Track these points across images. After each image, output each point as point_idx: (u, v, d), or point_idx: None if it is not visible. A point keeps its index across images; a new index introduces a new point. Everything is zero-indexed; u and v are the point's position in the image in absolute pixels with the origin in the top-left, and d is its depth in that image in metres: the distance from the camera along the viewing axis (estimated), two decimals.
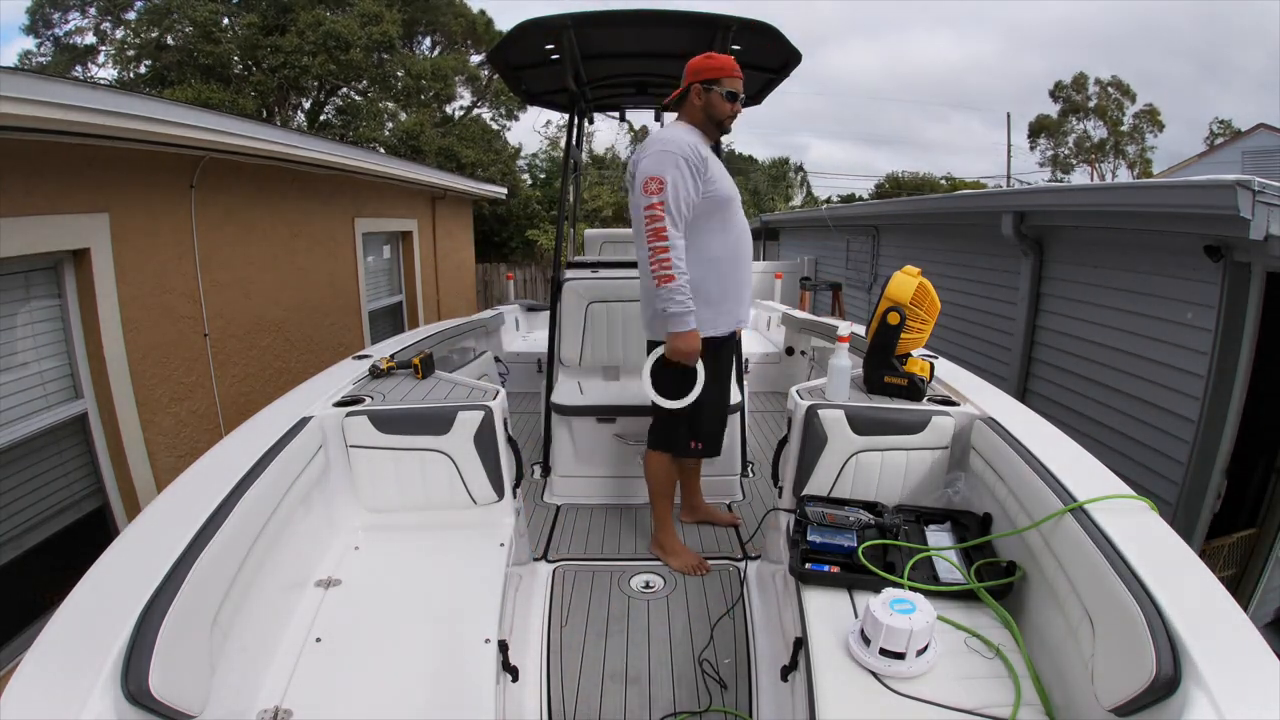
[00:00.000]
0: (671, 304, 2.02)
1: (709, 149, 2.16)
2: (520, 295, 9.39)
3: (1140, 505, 1.40)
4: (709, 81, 2.12)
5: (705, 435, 2.36)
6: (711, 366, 2.24)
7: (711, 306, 2.19)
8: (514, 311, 5.22)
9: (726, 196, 2.16)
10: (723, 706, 1.75)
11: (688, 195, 2.04)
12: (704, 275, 2.15)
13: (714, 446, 2.41)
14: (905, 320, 1.99)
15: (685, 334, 2.06)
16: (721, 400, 2.38)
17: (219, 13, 13.32)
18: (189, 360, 3.88)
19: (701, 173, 2.07)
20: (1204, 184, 2.91)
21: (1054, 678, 1.30)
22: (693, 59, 2.16)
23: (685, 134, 2.10)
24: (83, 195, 3.12)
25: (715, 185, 2.12)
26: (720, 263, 2.17)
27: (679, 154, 2.02)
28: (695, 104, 2.14)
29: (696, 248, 2.12)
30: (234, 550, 1.34)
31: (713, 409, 2.33)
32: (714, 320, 2.20)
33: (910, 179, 23.44)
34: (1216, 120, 23.55)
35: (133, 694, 0.97)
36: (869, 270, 7.72)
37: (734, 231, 2.20)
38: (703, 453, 2.39)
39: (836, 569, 1.61)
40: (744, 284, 2.27)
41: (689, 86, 2.14)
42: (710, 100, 2.13)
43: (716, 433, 2.41)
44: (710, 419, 2.35)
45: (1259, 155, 14.50)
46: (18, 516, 2.81)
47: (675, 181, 2.00)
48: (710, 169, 2.11)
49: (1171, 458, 3.31)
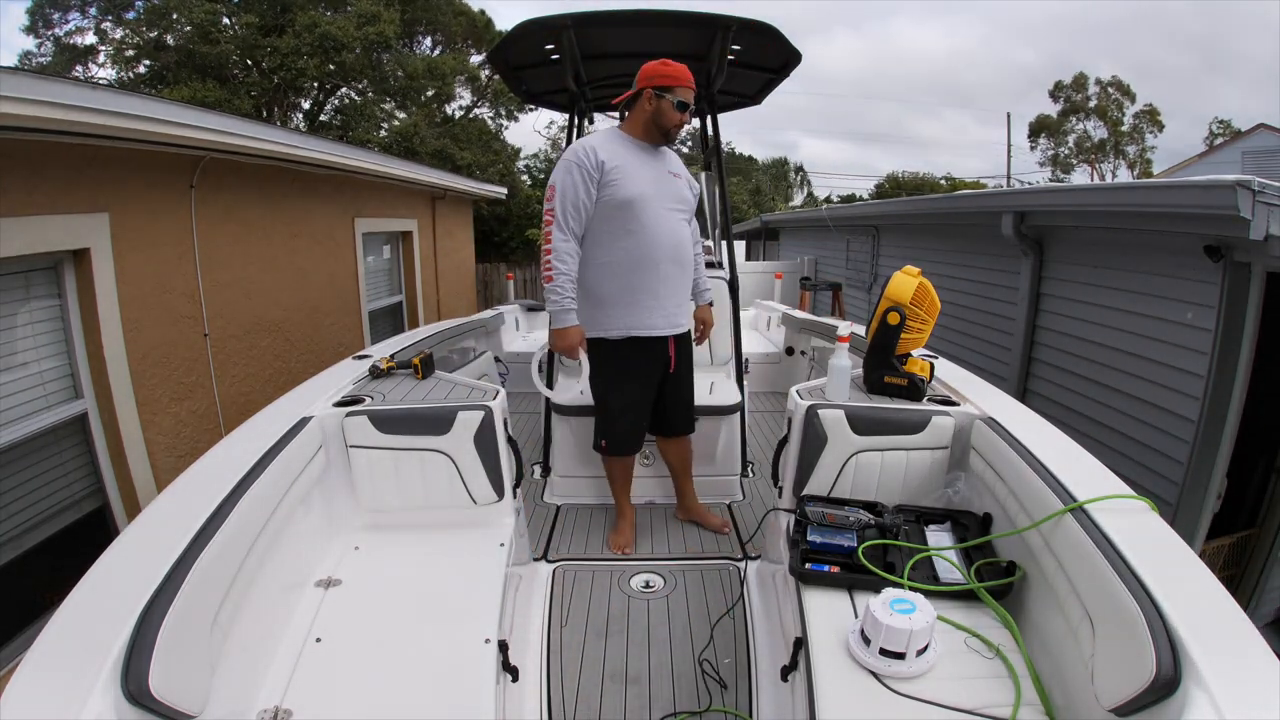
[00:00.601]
0: (549, 302, 2.17)
1: (630, 151, 2.20)
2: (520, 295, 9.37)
3: (1140, 505, 1.40)
4: (662, 88, 2.15)
5: (609, 435, 2.42)
6: (601, 367, 2.31)
7: (602, 309, 2.25)
8: (514, 311, 5.22)
9: (625, 199, 2.15)
10: (723, 706, 1.75)
11: (575, 200, 2.12)
12: (596, 278, 2.23)
13: (618, 446, 2.44)
14: (905, 320, 1.98)
15: (560, 330, 2.18)
16: (625, 402, 2.37)
17: (218, 13, 13.31)
18: (189, 360, 3.88)
19: (594, 177, 2.11)
20: (1204, 184, 2.91)
21: (1054, 678, 1.30)
22: (648, 64, 2.18)
23: (599, 139, 2.18)
24: (83, 195, 3.12)
25: (613, 189, 2.14)
26: (613, 266, 2.21)
27: (572, 160, 2.12)
28: (645, 109, 2.19)
29: (589, 251, 2.21)
30: (234, 550, 1.34)
31: (617, 410, 2.37)
32: (602, 322, 2.26)
33: (910, 179, 23.46)
34: (1216, 120, 23.59)
35: (133, 694, 0.97)
36: (869, 270, 7.72)
37: (641, 235, 2.19)
38: (609, 451, 2.44)
39: (836, 569, 1.61)
40: (648, 289, 2.24)
41: (640, 90, 2.18)
42: (660, 107, 2.16)
43: (625, 434, 2.42)
44: (613, 419, 2.39)
45: (1259, 155, 14.51)
46: (18, 516, 2.81)
47: (564, 188, 2.11)
48: (612, 173, 2.13)
49: (1171, 458, 3.31)
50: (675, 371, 2.41)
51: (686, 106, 2.17)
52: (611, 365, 2.32)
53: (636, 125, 2.23)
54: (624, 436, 2.42)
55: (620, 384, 2.35)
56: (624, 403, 2.37)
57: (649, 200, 2.19)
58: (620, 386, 2.35)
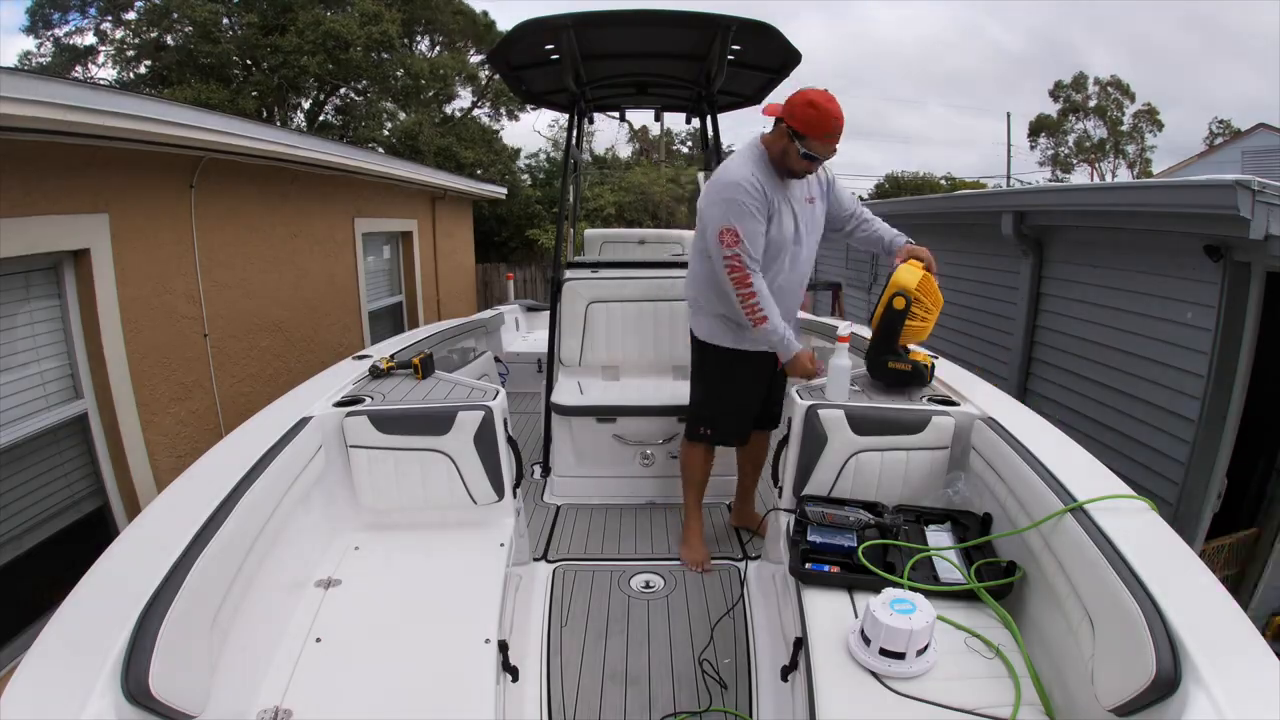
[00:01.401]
0: (769, 345, 2.17)
1: (774, 179, 2.08)
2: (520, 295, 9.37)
3: (1140, 505, 1.40)
4: (798, 134, 1.95)
5: (716, 424, 2.42)
6: (720, 368, 2.34)
7: (743, 330, 2.23)
8: (514, 311, 5.23)
9: (777, 238, 2.12)
10: (723, 706, 1.75)
11: (753, 236, 2.04)
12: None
13: (723, 436, 2.44)
14: (910, 306, 1.99)
15: (791, 361, 2.18)
16: (740, 401, 2.40)
17: (219, 13, 13.31)
18: (189, 360, 3.88)
19: (764, 212, 2.05)
20: (1204, 184, 2.91)
21: (1054, 678, 1.30)
22: (807, 92, 1.95)
23: (754, 167, 2.04)
24: (83, 195, 3.12)
25: (772, 225, 2.09)
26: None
27: (743, 200, 2.00)
28: (776, 142, 2.04)
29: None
30: (234, 550, 1.34)
31: (733, 406, 2.40)
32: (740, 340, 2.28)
33: (910, 179, 23.48)
34: (1216, 120, 23.61)
35: (133, 694, 0.97)
36: (869, 270, 7.72)
37: (780, 268, 2.19)
38: (713, 439, 2.44)
39: (836, 569, 1.61)
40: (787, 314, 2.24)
41: (779, 119, 2.01)
42: (789, 150, 1.99)
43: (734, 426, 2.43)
44: (727, 412, 2.41)
45: (1259, 155, 14.51)
46: (18, 516, 2.81)
47: (747, 234, 2.02)
48: (771, 206, 2.06)
49: (1171, 458, 3.31)
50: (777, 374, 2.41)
51: (815, 160, 2.00)
52: (730, 368, 2.32)
53: (774, 150, 2.06)
54: (733, 428, 2.42)
55: (736, 383, 2.35)
56: (739, 402, 2.38)
57: (793, 235, 2.15)
58: (736, 384, 2.35)
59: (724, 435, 2.44)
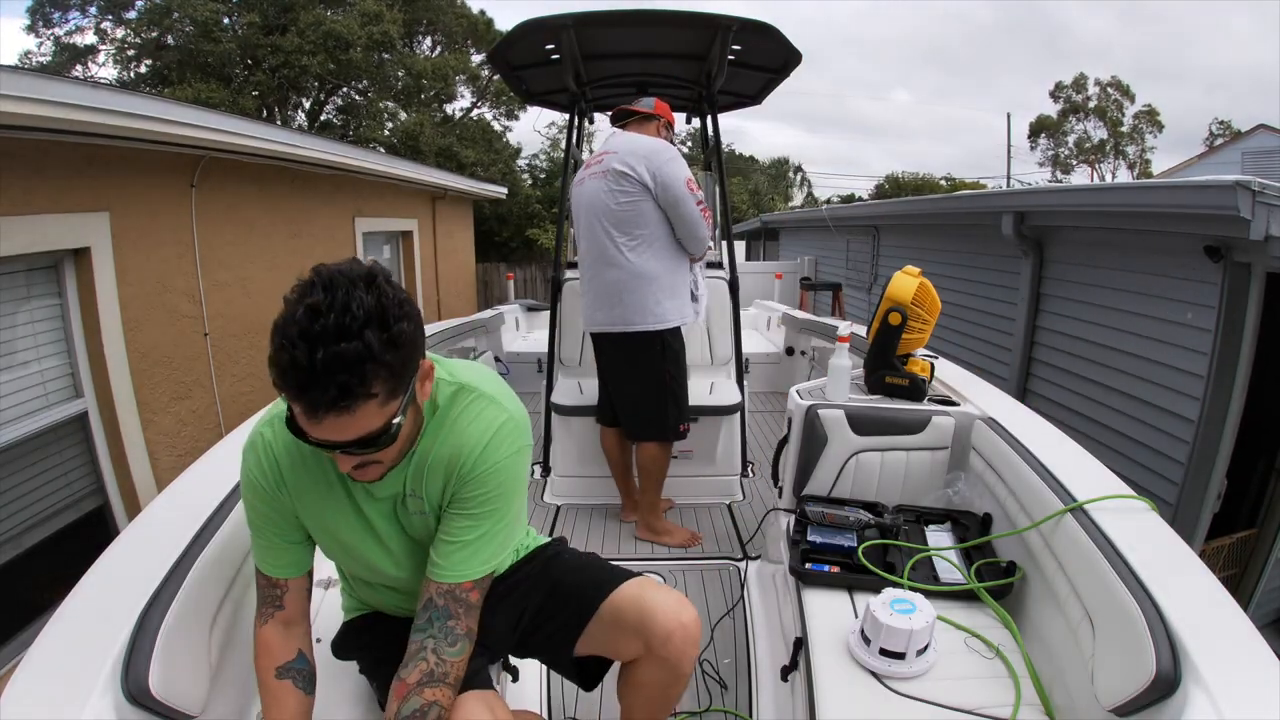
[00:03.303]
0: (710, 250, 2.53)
1: None
2: (520, 295, 9.38)
3: (1140, 505, 1.40)
4: (669, 126, 2.57)
5: (684, 417, 2.52)
6: (680, 355, 2.45)
7: (684, 297, 2.41)
8: (514, 311, 5.22)
9: None
10: (723, 706, 1.75)
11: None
12: (678, 266, 2.38)
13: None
14: (907, 320, 1.98)
15: None
16: (682, 382, 2.48)
17: (220, 12, 13.31)
18: (189, 360, 3.88)
19: None
20: (1204, 184, 2.91)
21: (1054, 678, 1.30)
22: (663, 104, 2.54)
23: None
24: (83, 194, 3.12)
25: None
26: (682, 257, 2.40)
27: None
28: (661, 135, 2.48)
29: (671, 240, 2.36)
30: (234, 550, 1.34)
31: (682, 393, 2.49)
32: (683, 311, 2.41)
33: (910, 179, 23.48)
34: (1216, 120, 23.62)
35: (133, 694, 0.97)
36: (869, 270, 7.72)
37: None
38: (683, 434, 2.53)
39: (836, 569, 1.61)
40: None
41: (661, 119, 2.51)
42: (668, 138, 2.54)
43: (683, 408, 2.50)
44: (684, 401, 2.50)
45: (1259, 156, 14.52)
46: (18, 516, 2.81)
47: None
48: None
49: (1171, 458, 3.31)
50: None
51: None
52: (682, 345, 2.45)
53: (664, 137, 2.51)
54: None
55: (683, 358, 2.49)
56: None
57: None
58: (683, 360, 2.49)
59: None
